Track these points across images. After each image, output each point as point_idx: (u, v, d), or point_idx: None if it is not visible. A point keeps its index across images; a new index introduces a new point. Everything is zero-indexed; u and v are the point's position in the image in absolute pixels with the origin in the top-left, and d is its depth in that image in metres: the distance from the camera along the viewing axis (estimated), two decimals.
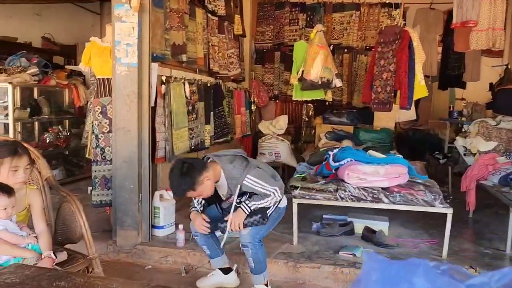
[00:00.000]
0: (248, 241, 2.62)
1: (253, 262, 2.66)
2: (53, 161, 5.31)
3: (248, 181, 2.54)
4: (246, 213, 2.58)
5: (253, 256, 2.65)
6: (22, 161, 2.15)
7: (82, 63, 3.47)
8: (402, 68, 3.82)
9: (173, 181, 2.51)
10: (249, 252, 2.64)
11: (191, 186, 2.46)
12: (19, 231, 2.17)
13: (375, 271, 0.67)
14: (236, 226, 2.58)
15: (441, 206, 3.17)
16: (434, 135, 7.67)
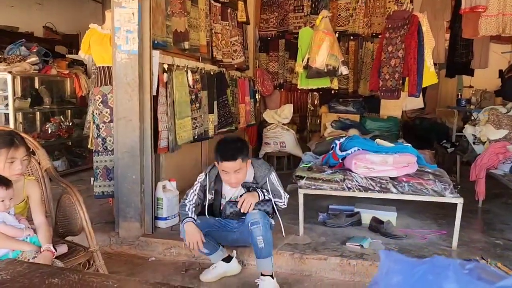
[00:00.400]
0: (258, 218, 2.56)
1: (263, 241, 2.53)
2: (55, 151, 5.28)
3: (273, 177, 2.75)
4: (259, 197, 2.65)
5: (263, 234, 2.53)
6: (19, 153, 2.08)
7: (82, 51, 3.38)
8: (411, 54, 3.70)
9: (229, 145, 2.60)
10: (260, 229, 2.52)
11: (245, 152, 2.58)
12: (18, 223, 2.11)
13: (396, 273, 0.59)
14: (247, 205, 2.59)
15: (451, 196, 3.08)
16: (441, 124, 7.55)
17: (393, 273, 0.60)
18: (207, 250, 2.76)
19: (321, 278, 2.91)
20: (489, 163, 4.16)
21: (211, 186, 2.77)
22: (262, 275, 2.63)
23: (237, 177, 2.61)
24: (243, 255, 3.03)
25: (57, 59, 5.35)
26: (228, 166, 2.56)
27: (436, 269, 0.55)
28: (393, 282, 0.58)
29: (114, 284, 1.09)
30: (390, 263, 0.63)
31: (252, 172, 2.74)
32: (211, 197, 2.80)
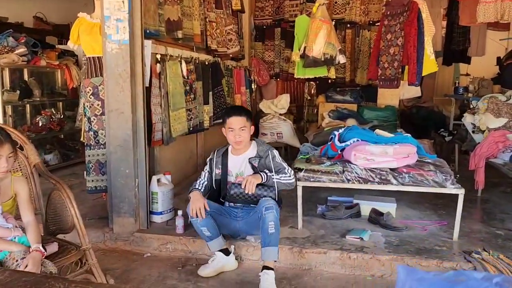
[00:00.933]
0: (273, 204, 2.60)
1: (274, 227, 2.54)
2: (47, 145, 5.17)
3: (276, 152, 2.84)
4: (262, 178, 2.68)
5: (275, 221, 2.55)
6: (4, 150, 1.97)
7: (70, 41, 3.26)
8: (411, 42, 3.61)
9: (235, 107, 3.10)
10: (273, 215, 2.55)
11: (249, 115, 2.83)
12: (5, 223, 2.02)
13: None
14: (250, 185, 2.62)
15: (452, 186, 3.02)
16: (439, 112, 7.48)
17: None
18: (209, 233, 2.72)
19: (321, 272, 2.85)
20: (488, 152, 4.10)
21: (218, 161, 2.86)
22: (265, 268, 2.56)
23: (241, 135, 2.75)
24: (241, 250, 2.96)
25: (47, 50, 5.20)
26: (235, 121, 2.75)
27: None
28: None
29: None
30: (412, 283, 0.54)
31: (255, 147, 2.84)
32: (219, 171, 2.86)
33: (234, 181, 2.83)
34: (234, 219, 2.84)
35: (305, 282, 2.73)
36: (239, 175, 2.83)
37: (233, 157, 2.87)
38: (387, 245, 2.97)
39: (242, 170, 2.84)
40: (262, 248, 2.59)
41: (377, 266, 2.81)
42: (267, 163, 2.77)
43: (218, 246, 2.79)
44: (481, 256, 2.77)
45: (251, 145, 2.86)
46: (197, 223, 2.70)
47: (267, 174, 2.71)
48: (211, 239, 2.76)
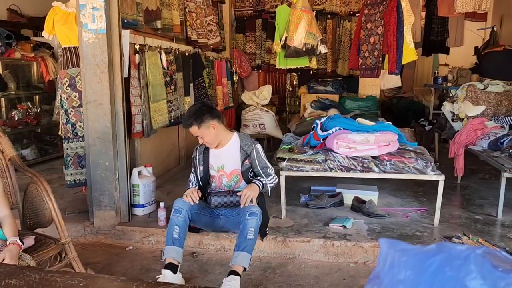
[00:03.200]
0: (258, 211, 2.52)
1: (253, 234, 2.44)
2: (23, 139, 5.03)
3: (260, 147, 2.76)
4: (259, 188, 2.63)
5: (255, 228, 2.46)
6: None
7: (45, 31, 3.17)
8: (391, 30, 3.62)
9: (187, 113, 2.71)
10: (255, 222, 2.46)
11: (198, 123, 2.60)
12: None
13: (404, 267, 0.50)
14: (248, 200, 2.54)
15: (433, 173, 3.06)
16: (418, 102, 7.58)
17: (400, 266, 0.51)
18: (177, 236, 2.44)
19: (305, 261, 2.86)
20: (467, 139, 4.17)
21: (200, 158, 2.78)
22: (233, 273, 2.36)
23: (202, 141, 2.67)
24: (224, 241, 2.94)
25: (21, 42, 5.05)
26: (190, 132, 2.67)
27: (454, 261, 0.46)
28: (400, 277, 0.49)
29: (80, 283, 0.97)
30: (394, 254, 0.53)
31: (237, 140, 2.76)
32: (202, 168, 2.78)
33: (215, 182, 2.75)
34: (217, 217, 2.75)
35: (289, 270, 2.73)
36: (220, 168, 2.76)
37: (214, 151, 2.77)
38: (369, 232, 3.00)
39: (223, 163, 2.75)
40: (235, 251, 2.42)
41: (360, 253, 2.83)
42: (251, 157, 2.71)
43: (174, 255, 2.43)
44: (461, 241, 2.82)
45: (231, 137, 2.76)
46: (174, 219, 2.49)
47: (262, 182, 2.66)
48: (173, 244, 2.44)
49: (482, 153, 3.80)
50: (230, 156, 2.73)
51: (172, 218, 2.52)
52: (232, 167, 2.74)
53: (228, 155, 2.73)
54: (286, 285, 2.55)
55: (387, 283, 0.51)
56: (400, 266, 0.51)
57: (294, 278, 2.63)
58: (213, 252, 2.95)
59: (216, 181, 2.77)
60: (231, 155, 2.73)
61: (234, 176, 2.74)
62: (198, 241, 2.96)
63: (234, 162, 2.73)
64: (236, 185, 2.75)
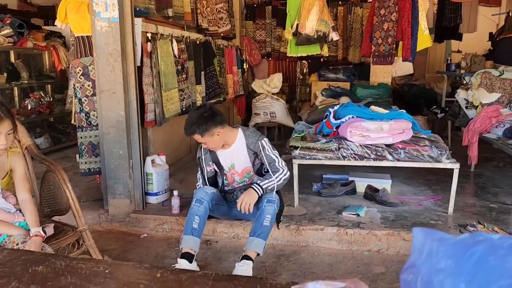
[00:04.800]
0: (276, 198, 2.51)
1: (269, 221, 2.43)
2: (37, 128, 5.07)
3: (265, 142, 2.64)
4: (258, 193, 2.50)
5: (272, 215, 2.45)
6: (4, 126, 1.89)
7: (58, 21, 3.16)
8: (405, 17, 3.56)
9: (189, 119, 2.57)
10: (272, 209, 2.45)
11: (201, 131, 2.50)
12: (7, 205, 1.98)
13: (444, 257, 0.49)
14: (246, 207, 2.46)
15: (448, 161, 3.03)
16: (430, 90, 7.50)
17: (439, 256, 0.50)
18: (196, 227, 2.46)
19: (318, 248, 2.86)
20: (481, 127, 4.12)
21: (207, 157, 2.70)
22: (246, 258, 2.38)
23: (207, 145, 2.60)
24: (238, 229, 2.96)
25: (33, 31, 5.06)
26: (194, 138, 2.59)
27: (498, 250, 0.45)
28: (440, 266, 0.49)
29: (105, 270, 0.99)
30: (432, 244, 0.53)
31: (244, 141, 2.65)
32: (210, 169, 2.72)
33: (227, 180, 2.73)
34: (233, 206, 2.73)
35: (303, 258, 2.74)
36: (230, 167, 2.71)
37: (222, 151, 2.68)
38: (383, 221, 2.99)
39: (233, 163, 2.69)
40: (250, 237, 2.44)
41: (373, 241, 2.83)
42: (259, 155, 2.63)
43: (191, 245, 2.44)
44: (476, 229, 2.80)
45: (237, 135, 2.67)
46: (196, 209, 2.49)
47: (262, 187, 2.52)
48: (192, 233, 2.45)
49: (497, 141, 3.76)
50: (239, 155, 2.67)
51: (193, 207, 2.51)
52: (242, 165, 2.69)
53: (237, 155, 2.67)
54: (300, 273, 2.56)
55: (425, 272, 0.51)
56: (439, 255, 0.51)
57: (308, 266, 2.64)
58: (227, 240, 2.97)
59: (228, 179, 2.74)
60: (239, 154, 2.67)
61: (247, 173, 2.71)
62: (212, 229, 2.98)
63: (244, 161, 2.68)
64: (250, 181, 2.72)
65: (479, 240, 0.50)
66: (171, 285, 0.92)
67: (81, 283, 0.93)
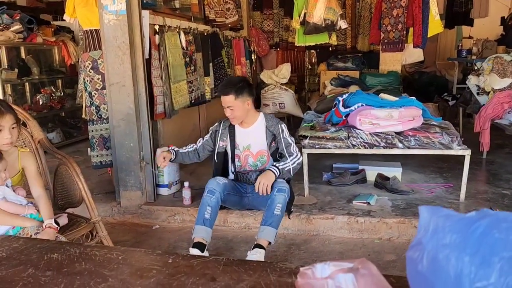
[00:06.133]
0: (286, 187, 2.53)
1: (280, 210, 2.45)
2: (49, 123, 5.14)
3: (285, 126, 2.70)
4: (275, 174, 2.54)
5: (283, 204, 2.47)
6: (6, 120, 1.92)
7: (66, 15, 3.18)
8: (416, 2, 3.51)
9: (226, 81, 2.68)
10: (283, 198, 2.47)
11: (237, 93, 2.55)
12: (18, 198, 2.02)
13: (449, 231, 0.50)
14: (264, 188, 2.48)
15: (459, 148, 3.01)
16: (441, 77, 7.42)
17: (445, 231, 0.51)
18: (208, 217, 2.48)
19: (329, 237, 2.87)
20: (493, 113, 4.07)
21: (224, 133, 2.75)
22: (257, 247, 2.40)
23: (231, 113, 2.61)
24: (249, 219, 2.98)
25: (42, 26, 5.10)
26: (222, 100, 2.61)
27: (501, 224, 0.46)
28: (445, 241, 0.49)
29: (118, 256, 1.01)
30: (437, 220, 0.53)
31: (264, 122, 2.71)
32: (223, 144, 2.75)
33: (240, 162, 2.74)
34: (244, 195, 2.76)
35: (314, 247, 2.76)
36: (246, 148, 2.73)
37: (241, 129, 2.72)
38: (394, 209, 2.99)
39: (249, 143, 2.72)
40: (261, 226, 2.46)
41: (384, 229, 2.83)
42: (277, 137, 2.67)
43: (203, 235, 2.47)
44: None
45: (258, 117, 2.72)
46: (208, 200, 2.50)
47: (279, 168, 2.56)
48: (204, 224, 2.48)
49: (510, 127, 3.71)
50: (256, 136, 2.71)
51: (205, 198, 2.54)
52: (258, 147, 2.72)
53: (255, 135, 2.71)
54: (311, 261, 2.57)
55: (431, 248, 0.51)
56: (445, 230, 0.51)
57: (319, 254, 2.66)
58: (238, 230, 3.00)
59: (241, 161, 2.76)
60: (257, 135, 2.70)
61: (260, 157, 2.73)
62: (223, 219, 3.01)
63: (261, 143, 2.71)
64: (262, 166, 2.73)
65: (483, 215, 0.50)
66: (182, 270, 0.94)
67: (95, 269, 0.95)
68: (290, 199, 2.62)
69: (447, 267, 0.46)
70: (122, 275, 0.93)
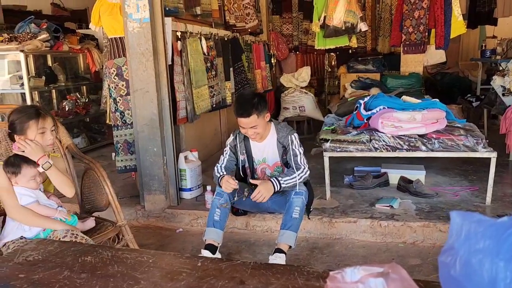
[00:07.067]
0: (304, 190, 2.53)
1: (298, 213, 2.45)
2: (74, 129, 5.27)
3: (295, 137, 2.62)
4: (275, 188, 2.50)
5: (301, 207, 2.47)
6: (48, 123, 2.06)
7: (92, 23, 3.27)
8: (438, 3, 3.47)
9: (242, 99, 2.52)
10: (301, 201, 2.47)
11: (259, 111, 2.48)
12: (50, 202, 2.09)
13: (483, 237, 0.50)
14: (261, 199, 2.48)
15: (484, 150, 2.95)
16: (464, 78, 7.28)
17: (478, 237, 0.51)
18: (218, 219, 2.51)
19: (352, 241, 2.86)
20: None
21: (241, 146, 2.71)
22: (278, 251, 2.42)
23: (254, 132, 2.54)
24: (271, 223, 2.99)
25: (68, 34, 5.25)
26: (244, 122, 2.52)
27: None
28: (478, 246, 0.50)
29: (149, 259, 1.04)
30: (470, 226, 0.54)
31: (275, 134, 2.66)
32: (243, 157, 2.73)
33: (257, 175, 2.73)
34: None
35: (337, 250, 2.75)
36: (262, 161, 2.73)
37: (256, 144, 2.69)
38: (418, 212, 2.95)
39: (265, 156, 2.71)
40: (281, 230, 2.47)
41: (408, 233, 2.80)
42: (287, 149, 2.62)
43: (214, 237, 2.50)
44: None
45: (270, 128, 2.67)
46: (217, 202, 2.55)
47: (280, 184, 2.50)
48: (214, 226, 2.51)
49: None
50: (270, 149, 2.69)
51: (214, 201, 2.59)
52: (273, 160, 2.72)
53: (269, 149, 2.69)
54: (335, 265, 2.57)
55: (464, 253, 0.52)
56: (478, 236, 0.51)
57: (342, 258, 2.65)
58: (260, 233, 3.01)
59: (258, 173, 2.76)
60: (271, 148, 2.69)
61: (277, 167, 2.74)
62: (245, 222, 3.03)
63: (274, 155, 2.70)
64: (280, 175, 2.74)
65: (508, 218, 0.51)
66: (211, 273, 0.96)
67: (127, 272, 0.98)
68: (308, 200, 2.62)
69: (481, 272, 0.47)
70: (153, 277, 0.96)
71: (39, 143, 2.03)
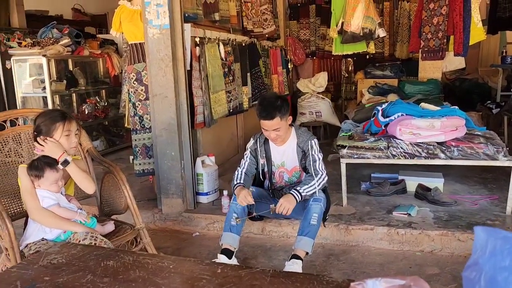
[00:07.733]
0: (322, 197, 2.54)
1: (316, 219, 2.46)
2: (93, 132, 5.36)
3: (315, 142, 2.63)
4: (297, 200, 2.50)
5: (319, 213, 2.48)
6: (73, 126, 2.14)
7: (113, 29, 3.33)
8: (457, 10, 3.43)
9: (266, 102, 2.53)
10: (319, 207, 2.48)
11: (282, 113, 2.50)
12: (70, 205, 2.13)
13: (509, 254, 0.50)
14: (285, 211, 2.48)
15: (505, 159, 2.90)
16: (484, 84, 7.16)
17: (504, 254, 0.51)
18: (234, 224, 2.53)
19: (368, 248, 2.84)
20: None
21: (261, 150, 2.72)
22: (295, 257, 2.43)
23: (276, 134, 2.56)
24: (287, 228, 2.99)
25: (88, 39, 5.36)
26: (267, 124, 2.53)
27: None
28: (504, 264, 0.49)
29: (170, 265, 1.05)
30: (495, 242, 0.53)
31: (295, 138, 2.67)
32: (263, 161, 2.74)
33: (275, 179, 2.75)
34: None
35: (353, 258, 2.73)
36: (280, 165, 2.74)
37: (276, 147, 2.71)
38: (436, 220, 2.92)
39: (284, 160, 2.73)
40: (298, 236, 2.48)
41: (426, 242, 2.77)
42: (307, 155, 2.63)
43: (230, 241, 2.52)
44: None
45: (290, 132, 2.69)
46: (234, 207, 2.57)
47: (301, 194, 2.51)
48: (231, 230, 2.53)
49: None
50: (290, 153, 2.70)
51: (231, 205, 2.61)
52: (292, 164, 2.72)
53: (289, 152, 2.70)
54: (351, 272, 2.55)
55: (489, 270, 0.52)
56: (504, 253, 0.51)
57: (359, 265, 2.63)
58: (276, 238, 3.01)
59: (276, 178, 2.77)
60: (291, 152, 2.70)
61: (296, 172, 2.74)
62: (261, 228, 3.04)
63: (294, 160, 2.71)
64: (298, 180, 2.75)
65: None
66: (231, 280, 0.97)
67: (149, 277, 1.00)
68: (326, 208, 2.62)
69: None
70: (174, 283, 0.97)
71: (63, 145, 2.08)
